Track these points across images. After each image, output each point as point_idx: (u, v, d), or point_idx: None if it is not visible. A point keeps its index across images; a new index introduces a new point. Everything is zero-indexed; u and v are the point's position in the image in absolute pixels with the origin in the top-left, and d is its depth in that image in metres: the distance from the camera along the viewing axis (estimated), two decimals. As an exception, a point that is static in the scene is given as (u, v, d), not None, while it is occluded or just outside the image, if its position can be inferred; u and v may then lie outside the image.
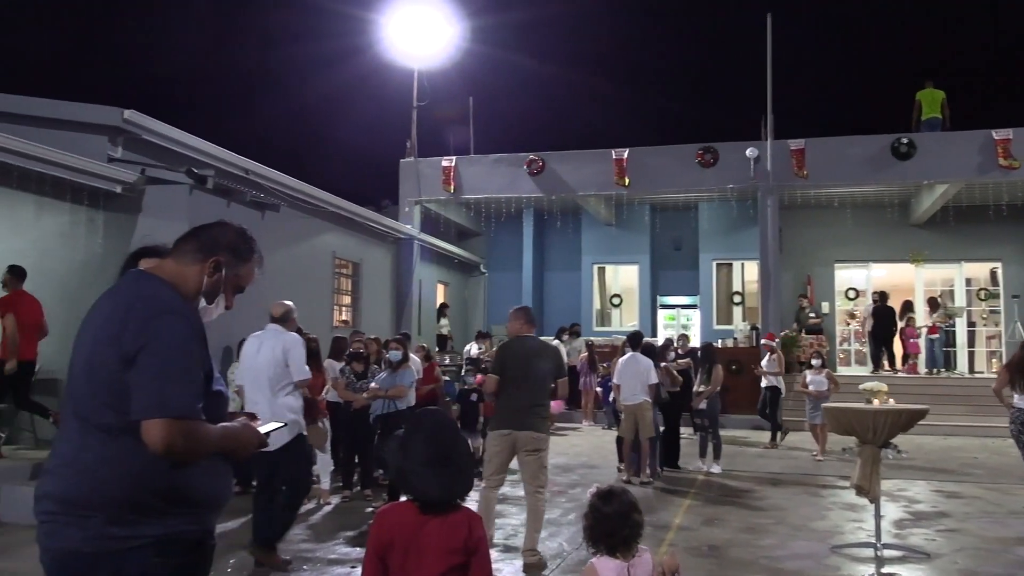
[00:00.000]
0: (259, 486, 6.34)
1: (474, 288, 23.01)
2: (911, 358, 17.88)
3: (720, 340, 17.59)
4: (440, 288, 20.95)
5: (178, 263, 2.55)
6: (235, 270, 2.61)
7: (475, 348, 15.45)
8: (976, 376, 17.89)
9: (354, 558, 6.32)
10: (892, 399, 7.11)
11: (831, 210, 19.17)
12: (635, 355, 10.12)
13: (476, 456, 7.84)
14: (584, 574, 3.16)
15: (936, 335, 17.51)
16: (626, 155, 17.66)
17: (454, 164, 18.65)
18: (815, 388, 11.75)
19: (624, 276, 22.26)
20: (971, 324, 19.67)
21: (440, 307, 20.23)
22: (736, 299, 21.15)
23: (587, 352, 16.50)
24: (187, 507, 2.35)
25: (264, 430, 2.64)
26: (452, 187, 18.56)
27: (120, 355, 2.28)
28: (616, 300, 22.28)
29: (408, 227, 18.10)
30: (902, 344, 18.06)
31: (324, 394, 8.90)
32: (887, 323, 17.85)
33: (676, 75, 43.26)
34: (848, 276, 20.67)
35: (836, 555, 6.67)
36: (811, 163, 16.90)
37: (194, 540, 2.38)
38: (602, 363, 15.97)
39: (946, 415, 14.77)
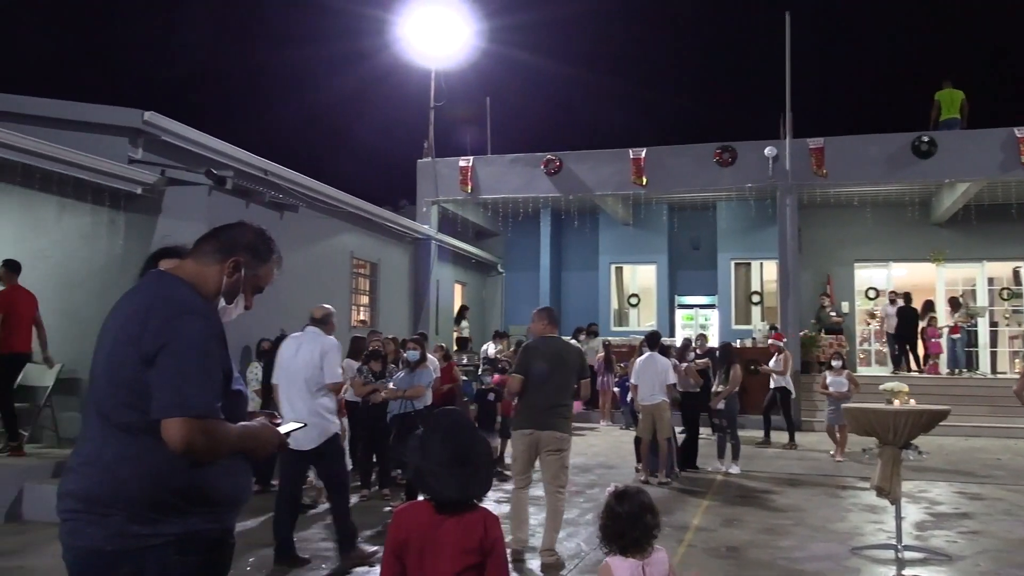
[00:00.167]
0: (282, 486, 6.38)
1: (492, 288, 23.02)
2: (932, 358, 17.73)
3: (739, 340, 17.49)
4: (457, 288, 20.97)
5: (198, 263, 2.56)
6: (254, 270, 2.62)
7: (492, 348, 15.47)
8: (998, 376, 17.70)
9: (369, 556, 6.33)
10: (913, 399, 7.04)
11: (851, 209, 19.03)
12: (653, 355, 10.10)
13: (494, 456, 7.85)
14: (599, 573, 3.16)
15: (958, 335, 17.33)
16: (643, 154, 17.61)
17: (471, 164, 18.66)
18: (835, 389, 11.68)
19: (642, 276, 22.21)
20: (993, 324, 19.47)
21: (460, 309, 20.27)
22: (755, 299, 21.03)
23: (604, 352, 16.47)
24: (207, 506, 2.37)
25: (284, 430, 2.65)
26: (469, 187, 18.57)
27: (140, 355, 2.30)
28: (634, 300, 22.23)
29: (425, 227, 18.14)
30: (923, 344, 17.91)
31: (343, 394, 8.93)
32: (911, 324, 17.70)
33: (694, 74, 43.13)
34: (868, 276, 20.51)
35: (856, 557, 6.62)
36: (830, 162, 16.78)
37: (214, 538, 2.39)
38: (619, 363, 15.95)
39: (968, 416, 14.65)
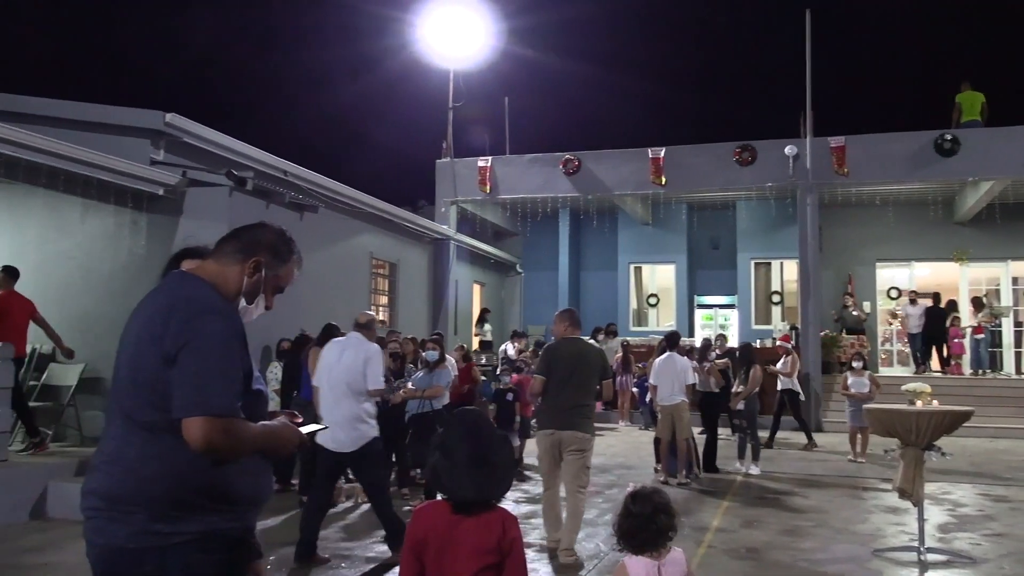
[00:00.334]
0: (317, 485, 6.49)
1: (510, 288, 23.02)
2: (954, 359, 17.55)
3: (759, 340, 17.39)
4: (476, 288, 20.99)
5: (219, 264, 2.58)
6: (275, 271, 2.64)
7: (511, 348, 15.48)
8: (1023, 377, 17.50)
9: (391, 556, 6.35)
10: (936, 400, 6.98)
11: (872, 208, 18.86)
12: (672, 355, 10.06)
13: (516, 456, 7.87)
14: (616, 572, 3.16)
15: (981, 335, 17.16)
16: (663, 154, 17.55)
17: (490, 164, 18.68)
18: (856, 390, 11.57)
19: (661, 276, 22.13)
20: (1018, 324, 19.21)
21: (481, 312, 20.31)
22: (775, 299, 20.91)
23: (622, 352, 16.43)
24: (228, 504, 2.38)
25: (306, 430, 2.66)
26: (488, 187, 18.59)
27: (162, 354, 2.32)
28: (653, 300, 22.15)
29: (444, 227, 18.16)
30: (946, 345, 17.73)
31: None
32: (939, 324, 17.52)
33: (713, 73, 42.92)
34: (890, 275, 20.33)
35: (878, 559, 6.56)
36: (852, 160, 16.64)
37: (235, 537, 2.41)
38: (638, 363, 15.91)
39: (992, 417, 14.49)
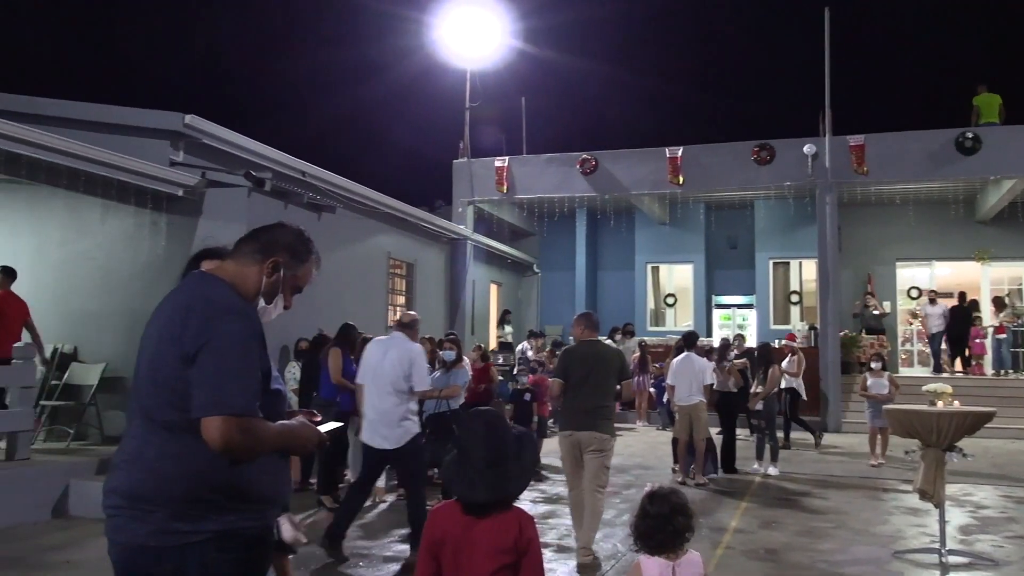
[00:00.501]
0: (359, 482, 6.65)
1: (527, 288, 23.02)
2: (975, 359, 17.37)
3: (777, 340, 17.27)
4: (493, 288, 21.00)
5: (238, 264, 2.59)
6: (293, 271, 2.65)
7: (529, 348, 15.48)
8: (1046, 378, 17.29)
9: (408, 556, 6.37)
10: (957, 401, 6.91)
11: (892, 207, 18.71)
12: (690, 355, 10.03)
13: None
14: (630, 571, 3.15)
15: (1003, 335, 16.98)
16: (680, 153, 17.49)
17: (507, 164, 18.68)
18: (875, 391, 11.44)
19: (678, 275, 22.06)
20: (1040, 323, 19.00)
21: (503, 314, 20.33)
22: (794, 298, 20.79)
23: (639, 352, 16.38)
24: (247, 503, 2.39)
25: (324, 429, 2.68)
26: (505, 187, 18.60)
27: (181, 354, 2.33)
28: (670, 300, 22.09)
29: (461, 227, 18.18)
30: (965, 345, 17.56)
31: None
32: (964, 324, 17.35)
33: (731, 72, 42.73)
34: (910, 275, 20.17)
35: (899, 560, 6.51)
36: (871, 159, 16.52)
37: (253, 536, 2.42)
38: (655, 363, 15.86)
39: (1014, 418, 14.35)
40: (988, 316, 17.88)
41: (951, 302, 18.06)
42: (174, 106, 9.92)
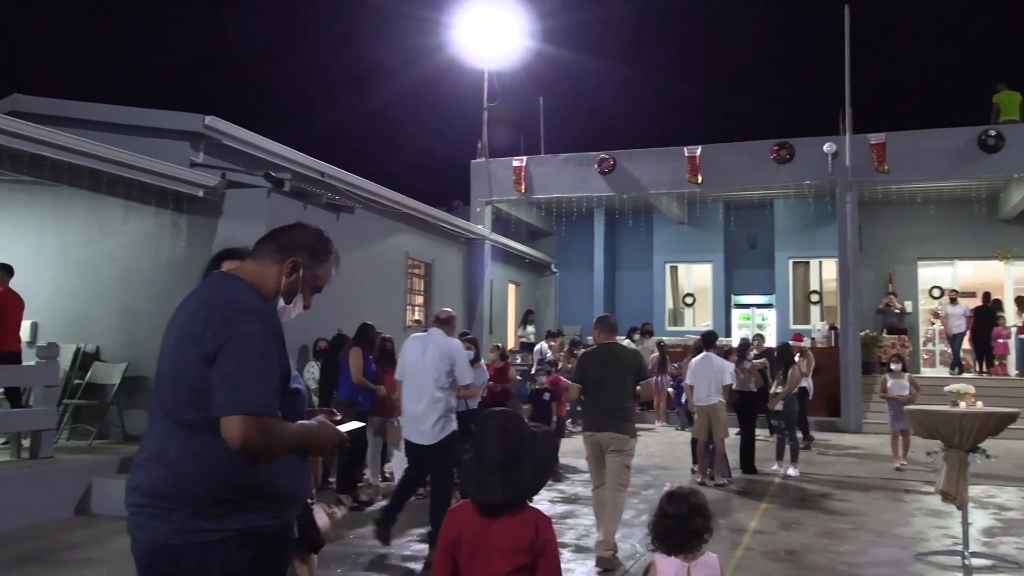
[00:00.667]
0: (406, 475, 6.83)
1: (545, 288, 23.00)
2: (998, 359, 17.17)
3: (806, 340, 17.18)
4: (511, 288, 21.01)
5: (258, 264, 2.60)
6: (312, 270, 2.66)
7: (547, 348, 15.47)
8: (1071, 378, 17.06)
9: (427, 556, 6.38)
10: (980, 402, 6.83)
11: (914, 206, 18.55)
12: (709, 355, 9.99)
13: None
14: (646, 570, 3.14)
15: (1027, 335, 16.77)
16: (699, 152, 17.42)
17: (525, 164, 18.68)
18: (896, 392, 11.29)
19: (697, 275, 21.98)
20: (1065, 324, 18.75)
21: (525, 314, 20.34)
22: (813, 298, 20.65)
23: (658, 352, 16.33)
24: (267, 502, 2.41)
25: (344, 428, 2.68)
26: (523, 187, 18.59)
27: (202, 354, 2.35)
28: (689, 299, 22.01)
29: (479, 227, 18.20)
30: (989, 345, 17.36)
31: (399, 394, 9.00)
32: (988, 324, 17.16)
33: (750, 71, 42.51)
34: (932, 274, 19.96)
35: (920, 562, 6.45)
36: (892, 158, 16.37)
37: (274, 534, 2.43)
38: (673, 363, 15.80)
39: (1038, 419, 14.14)
40: (1011, 316, 17.68)
41: (974, 302, 17.86)
42: (193, 107, 10.00)
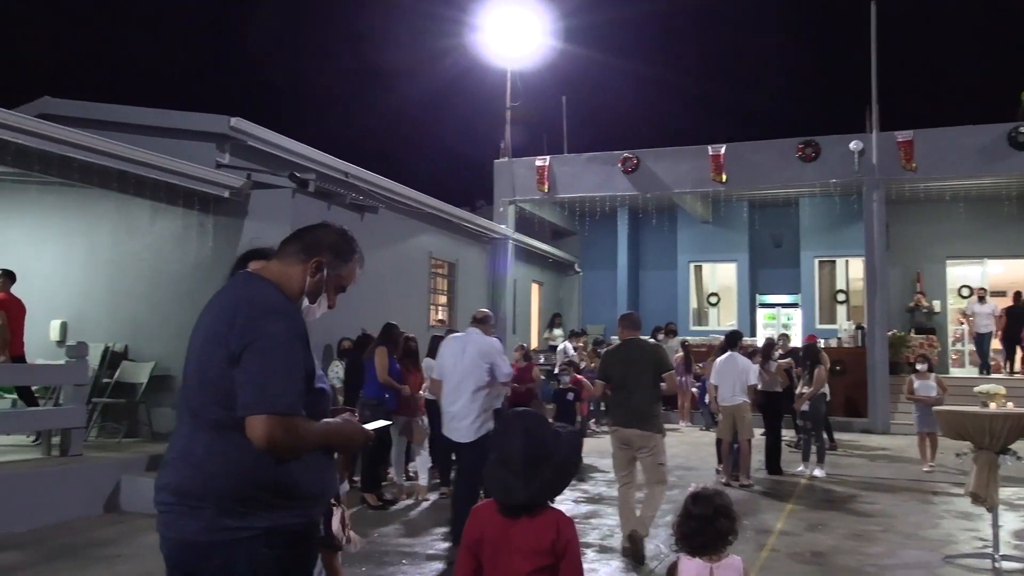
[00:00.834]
0: (460, 474, 6.91)
1: (569, 287, 22.97)
2: (1029, 360, 16.91)
3: (823, 340, 17.04)
4: (535, 288, 21.00)
5: (282, 264, 2.62)
6: (337, 270, 2.66)
7: (571, 348, 15.45)
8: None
9: (451, 554, 6.40)
10: (1010, 402, 6.73)
11: (942, 204, 18.30)
12: (733, 355, 9.93)
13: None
14: (669, 570, 3.12)
15: (1058, 335, 16.49)
16: (723, 151, 17.31)
17: (548, 163, 18.66)
18: (923, 394, 11.12)
19: (722, 274, 21.84)
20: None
21: (553, 317, 20.34)
22: (840, 297, 20.45)
23: (682, 352, 16.25)
24: (293, 500, 2.42)
25: (369, 427, 2.69)
26: (546, 186, 18.57)
27: (227, 353, 2.37)
28: (713, 299, 21.88)
29: (503, 227, 18.21)
30: (1020, 345, 17.10)
31: (422, 392, 9.05)
32: (1020, 324, 16.91)
33: (775, 69, 42.20)
34: (961, 273, 19.69)
35: (950, 565, 6.36)
36: (920, 155, 16.17)
37: (299, 531, 2.45)
38: (697, 363, 15.72)
39: (1071, 420, 13.91)
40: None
41: (1005, 302, 17.59)
42: (218, 108, 10.08)
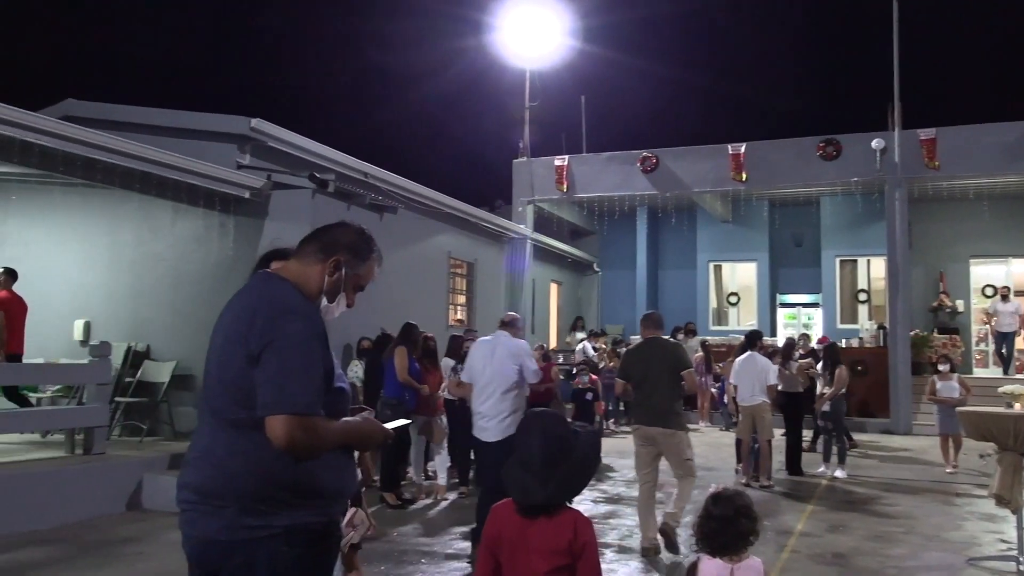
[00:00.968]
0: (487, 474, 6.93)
1: (587, 287, 22.94)
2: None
3: (844, 340, 16.91)
4: (554, 287, 20.99)
5: (301, 264, 2.63)
6: (355, 269, 2.67)
7: (590, 347, 15.42)
8: None
9: (470, 553, 6.41)
10: (1035, 403, 6.64)
11: (965, 203, 18.10)
12: (753, 355, 9.87)
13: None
14: (689, 570, 3.11)
15: (1085, 335, 16.29)
16: (743, 150, 17.21)
17: (567, 163, 18.63)
18: (946, 395, 10.97)
19: (742, 274, 21.72)
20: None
21: (575, 320, 20.32)
22: (861, 297, 20.29)
23: (702, 352, 16.17)
24: (313, 499, 2.44)
25: (391, 426, 2.71)
26: (565, 186, 18.54)
27: (247, 353, 2.38)
28: (733, 299, 21.77)
29: (521, 227, 18.20)
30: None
31: (441, 392, 9.07)
32: None
33: (796, 67, 41.91)
34: (985, 272, 19.46)
35: (973, 568, 6.30)
36: (943, 153, 15.99)
37: (319, 530, 2.46)
38: (718, 363, 15.64)
39: (1097, 421, 13.73)
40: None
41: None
42: (238, 109, 10.15)
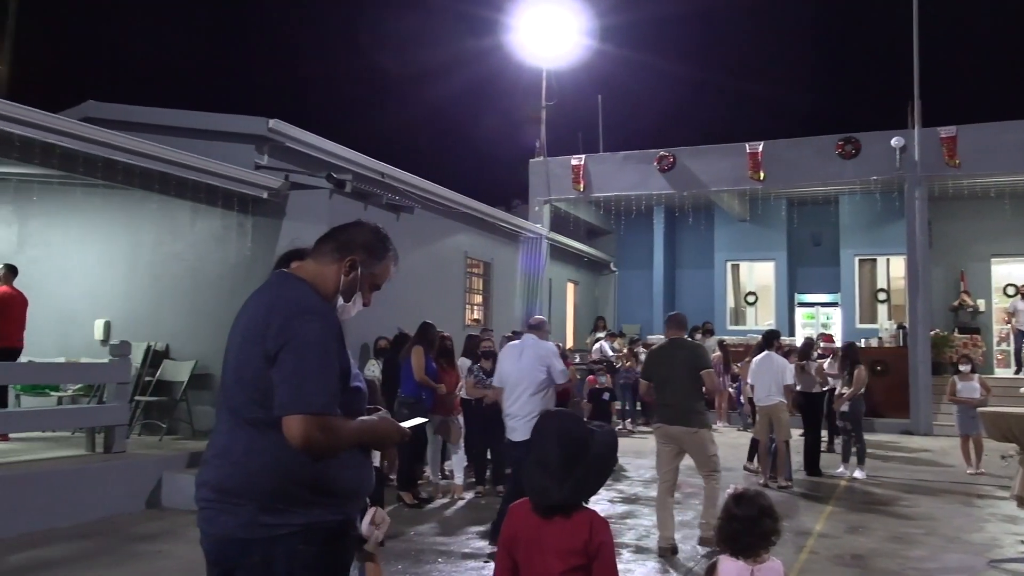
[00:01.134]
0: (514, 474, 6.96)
1: (604, 286, 22.90)
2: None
3: (863, 339, 16.79)
4: (570, 287, 20.97)
5: (317, 263, 2.64)
6: (371, 268, 2.67)
7: (607, 347, 15.40)
8: None
9: (487, 552, 6.42)
10: (1058, 404, 6.58)
11: (987, 201, 17.92)
12: (770, 354, 9.83)
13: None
14: (707, 571, 3.09)
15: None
16: (761, 148, 17.11)
17: (583, 162, 18.60)
18: (967, 395, 10.84)
19: (759, 273, 21.62)
20: None
21: (596, 321, 20.32)
22: (880, 296, 20.14)
23: (719, 352, 16.09)
24: (330, 497, 2.44)
25: (407, 425, 2.72)
26: (582, 185, 18.51)
27: (264, 353, 2.39)
28: (751, 298, 21.67)
29: (538, 226, 18.19)
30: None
31: (458, 391, 9.08)
32: None
33: (814, 65, 41.63)
34: (1006, 271, 19.26)
35: (994, 570, 6.24)
36: (963, 151, 15.84)
37: (336, 528, 2.47)
38: (735, 363, 15.56)
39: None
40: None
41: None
42: (255, 110, 10.19)
